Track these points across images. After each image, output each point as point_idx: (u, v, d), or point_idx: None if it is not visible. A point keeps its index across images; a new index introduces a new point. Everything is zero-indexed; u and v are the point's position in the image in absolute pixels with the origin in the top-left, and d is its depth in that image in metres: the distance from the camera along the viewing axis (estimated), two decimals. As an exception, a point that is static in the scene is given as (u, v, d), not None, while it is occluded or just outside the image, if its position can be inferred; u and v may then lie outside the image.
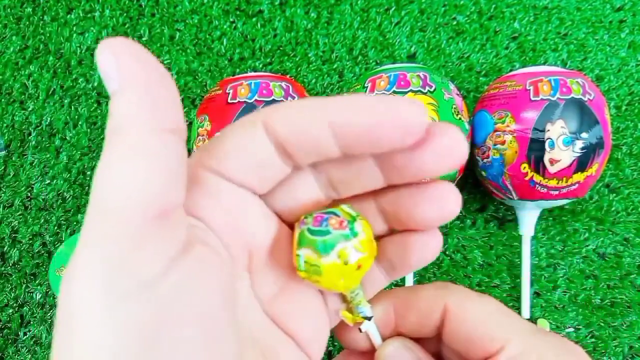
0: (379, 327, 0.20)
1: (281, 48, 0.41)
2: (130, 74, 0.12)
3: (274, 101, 0.31)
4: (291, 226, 0.19)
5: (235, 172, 0.16)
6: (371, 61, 0.40)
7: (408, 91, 0.30)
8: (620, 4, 0.40)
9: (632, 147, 0.38)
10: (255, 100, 0.30)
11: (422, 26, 0.40)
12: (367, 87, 0.31)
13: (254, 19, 0.41)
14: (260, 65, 0.40)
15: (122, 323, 0.12)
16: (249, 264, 0.17)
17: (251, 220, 0.17)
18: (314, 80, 0.40)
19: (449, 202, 0.17)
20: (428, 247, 0.18)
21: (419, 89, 0.30)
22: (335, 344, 0.35)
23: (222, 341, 0.14)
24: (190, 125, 0.39)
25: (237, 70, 0.40)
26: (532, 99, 0.30)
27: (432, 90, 0.30)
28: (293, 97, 0.32)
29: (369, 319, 0.20)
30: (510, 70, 0.35)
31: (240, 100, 0.30)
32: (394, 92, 0.30)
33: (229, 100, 0.31)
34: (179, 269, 0.13)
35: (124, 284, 0.12)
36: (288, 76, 0.38)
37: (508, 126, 0.31)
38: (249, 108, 0.30)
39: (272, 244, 0.18)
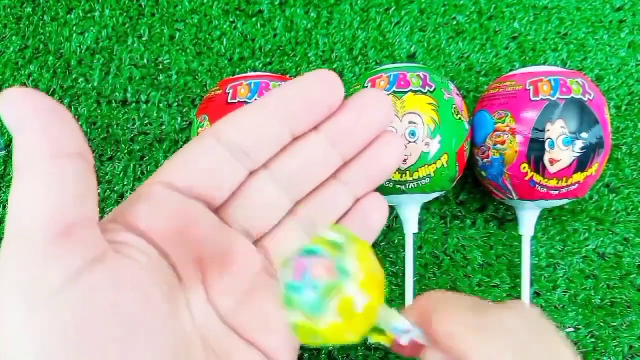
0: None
1: (281, 48, 0.41)
2: (27, 116, 0.14)
3: (274, 101, 0.31)
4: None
5: (185, 182, 0.17)
6: (371, 61, 0.40)
7: (408, 91, 0.30)
8: (620, 4, 0.40)
9: (632, 147, 0.38)
10: (255, 100, 0.30)
11: (422, 26, 0.40)
12: (367, 87, 0.31)
13: (254, 19, 0.41)
14: (260, 65, 0.40)
15: (42, 329, 0.13)
16: (203, 274, 0.18)
17: (203, 232, 0.18)
18: (314, 80, 0.40)
19: (395, 148, 0.21)
20: (383, 205, 0.21)
21: (419, 89, 0.30)
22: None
23: (153, 345, 0.15)
24: (190, 125, 0.39)
25: (237, 70, 0.40)
26: (532, 99, 0.30)
27: (432, 90, 0.30)
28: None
29: (408, 331, 0.15)
30: (510, 70, 0.35)
31: (240, 100, 0.30)
32: (394, 92, 0.30)
33: (229, 101, 0.31)
34: (88, 278, 0.14)
35: (38, 293, 0.13)
36: (288, 76, 0.38)
37: (508, 126, 0.31)
38: (249, 108, 0.30)
39: (229, 256, 0.18)
